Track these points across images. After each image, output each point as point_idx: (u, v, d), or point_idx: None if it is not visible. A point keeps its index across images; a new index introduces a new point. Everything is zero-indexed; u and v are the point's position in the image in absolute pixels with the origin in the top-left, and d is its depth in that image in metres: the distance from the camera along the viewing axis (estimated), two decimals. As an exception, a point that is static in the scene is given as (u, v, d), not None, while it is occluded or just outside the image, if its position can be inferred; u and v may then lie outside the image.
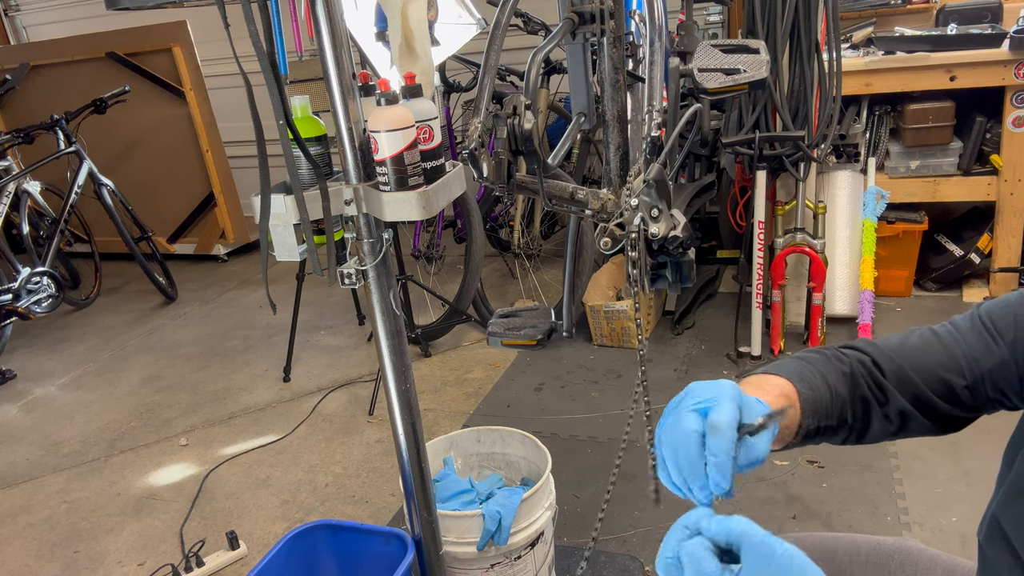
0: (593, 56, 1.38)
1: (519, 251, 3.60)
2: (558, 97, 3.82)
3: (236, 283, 4.60)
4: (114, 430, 3.04)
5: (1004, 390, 0.85)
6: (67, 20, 5.69)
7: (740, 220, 3.18)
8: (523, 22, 3.40)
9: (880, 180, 3.12)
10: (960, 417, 0.89)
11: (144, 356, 3.72)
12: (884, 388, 0.87)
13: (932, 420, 0.89)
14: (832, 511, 2.11)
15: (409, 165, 1.20)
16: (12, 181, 3.86)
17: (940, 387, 0.86)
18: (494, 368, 3.15)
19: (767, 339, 2.97)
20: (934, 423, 0.89)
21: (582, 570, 1.54)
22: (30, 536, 2.44)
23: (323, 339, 3.64)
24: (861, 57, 3.09)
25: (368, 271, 1.31)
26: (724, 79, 1.30)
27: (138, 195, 4.71)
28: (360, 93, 1.24)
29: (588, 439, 2.56)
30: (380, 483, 2.50)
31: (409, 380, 1.43)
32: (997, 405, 0.87)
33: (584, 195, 1.23)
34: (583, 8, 1.27)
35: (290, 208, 1.26)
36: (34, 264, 3.81)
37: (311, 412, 2.99)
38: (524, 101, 1.06)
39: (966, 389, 0.86)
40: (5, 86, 4.76)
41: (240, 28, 1.09)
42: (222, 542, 2.25)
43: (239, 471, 2.66)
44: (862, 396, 0.88)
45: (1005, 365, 0.83)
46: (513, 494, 1.71)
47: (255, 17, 1.09)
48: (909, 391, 0.87)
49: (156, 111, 4.72)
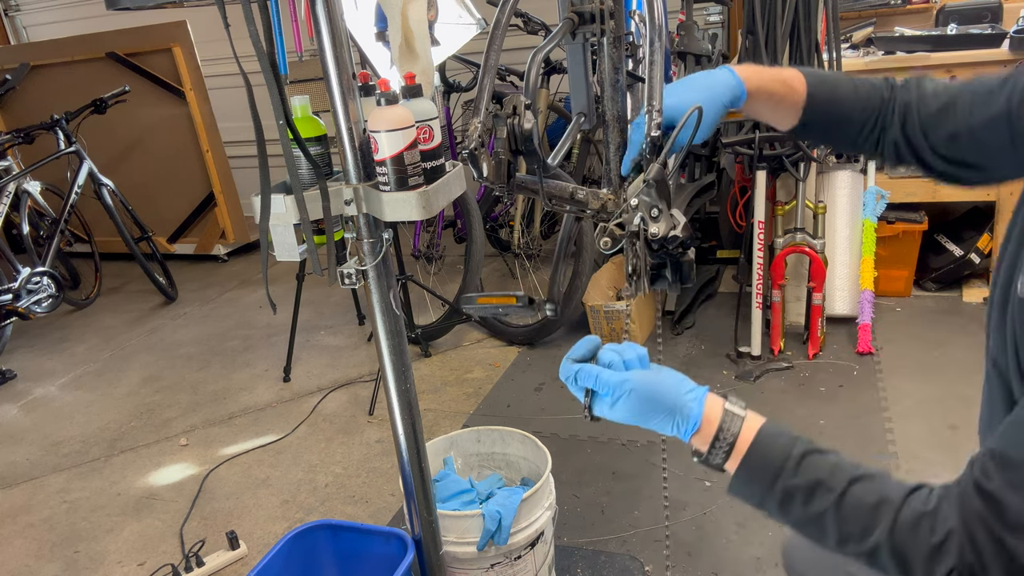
0: (593, 56, 1.37)
1: (519, 251, 3.60)
2: (558, 97, 3.82)
3: (236, 283, 4.60)
4: (114, 430, 3.04)
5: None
6: (67, 20, 5.69)
7: (740, 220, 3.18)
8: (523, 22, 3.40)
9: (880, 180, 3.12)
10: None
11: (144, 356, 3.72)
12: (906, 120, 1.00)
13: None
14: (832, 511, 2.10)
15: (409, 165, 1.20)
16: (12, 181, 3.86)
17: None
18: (494, 368, 3.15)
19: (767, 339, 2.97)
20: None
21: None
22: (30, 536, 2.44)
23: (323, 339, 3.64)
24: (861, 57, 3.09)
25: (368, 271, 1.31)
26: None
27: (138, 195, 4.71)
28: (360, 93, 1.24)
29: (588, 439, 2.56)
30: (380, 483, 2.50)
31: (409, 380, 1.43)
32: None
33: (584, 195, 1.22)
34: (583, 8, 1.27)
35: (290, 208, 1.26)
36: (34, 264, 3.81)
37: (311, 412, 2.99)
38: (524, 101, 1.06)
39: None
40: (5, 86, 4.76)
41: (240, 28, 1.09)
42: (222, 542, 2.25)
43: (239, 471, 2.66)
44: (883, 115, 1.01)
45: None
46: (513, 494, 1.71)
47: (255, 17, 1.09)
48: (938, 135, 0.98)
49: (156, 111, 4.72)
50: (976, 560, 0.72)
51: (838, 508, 0.80)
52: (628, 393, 0.90)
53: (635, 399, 0.89)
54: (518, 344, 3.31)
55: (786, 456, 0.84)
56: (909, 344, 2.91)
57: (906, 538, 0.77)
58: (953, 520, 0.74)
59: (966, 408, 2.45)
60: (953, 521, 0.74)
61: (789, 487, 0.83)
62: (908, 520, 0.77)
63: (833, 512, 0.80)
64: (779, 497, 0.84)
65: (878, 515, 0.78)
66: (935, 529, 0.75)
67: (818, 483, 0.81)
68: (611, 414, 0.92)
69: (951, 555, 0.74)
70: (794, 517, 0.84)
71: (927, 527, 0.76)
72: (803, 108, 1.05)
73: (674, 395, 0.89)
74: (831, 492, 0.81)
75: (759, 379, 2.80)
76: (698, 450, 0.89)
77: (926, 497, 0.78)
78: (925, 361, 2.79)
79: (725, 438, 0.86)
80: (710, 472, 1.02)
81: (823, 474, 0.82)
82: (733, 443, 0.86)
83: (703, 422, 0.88)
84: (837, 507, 0.80)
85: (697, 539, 2.07)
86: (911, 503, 0.78)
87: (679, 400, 0.89)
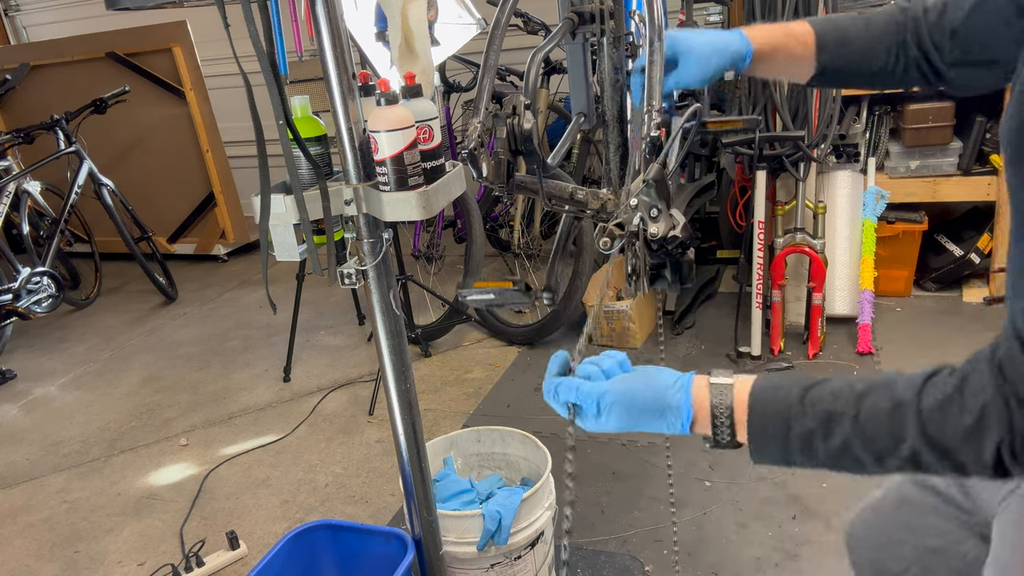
0: (593, 56, 1.38)
1: (519, 251, 3.60)
2: (558, 97, 3.82)
3: (236, 283, 4.61)
4: (114, 430, 3.04)
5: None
6: (67, 20, 5.69)
7: (740, 220, 3.18)
8: (523, 22, 3.41)
9: (880, 180, 3.12)
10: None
11: (144, 356, 3.72)
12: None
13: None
14: (832, 511, 2.11)
15: (409, 165, 1.20)
16: (12, 181, 3.86)
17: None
18: (494, 368, 3.15)
19: (767, 339, 2.97)
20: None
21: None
22: (30, 536, 2.44)
23: (323, 339, 3.65)
24: (861, 57, 3.08)
25: (368, 271, 1.31)
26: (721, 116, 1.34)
27: (138, 195, 4.71)
28: (360, 93, 1.24)
29: (588, 439, 2.56)
30: (380, 483, 2.50)
31: (409, 380, 1.43)
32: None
33: (584, 195, 1.23)
34: (583, 8, 1.27)
35: (290, 208, 1.26)
36: (34, 264, 3.81)
37: (311, 412, 2.99)
38: (524, 101, 1.06)
39: None
40: (5, 86, 4.76)
41: (240, 28, 1.09)
42: (222, 542, 2.25)
43: (239, 471, 2.66)
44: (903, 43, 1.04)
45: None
46: (513, 494, 1.71)
47: (255, 17, 1.09)
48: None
49: (156, 111, 4.72)
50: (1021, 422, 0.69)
51: (859, 431, 0.77)
52: (611, 404, 0.87)
53: (620, 407, 0.87)
54: (518, 344, 3.31)
55: (787, 405, 0.81)
56: (909, 344, 2.91)
57: (939, 429, 0.73)
58: (988, 392, 0.71)
59: (966, 408, 2.45)
60: (988, 393, 0.71)
61: (804, 433, 0.79)
62: (934, 411, 0.74)
63: (856, 437, 0.77)
64: (799, 446, 0.80)
65: (901, 420, 0.75)
66: (966, 408, 0.72)
67: (829, 416, 0.78)
68: (599, 425, 0.90)
69: (992, 429, 0.70)
70: (824, 458, 0.80)
71: (956, 410, 0.72)
72: (815, 56, 1.08)
73: (659, 393, 0.87)
74: (845, 417, 0.77)
75: (759, 379, 2.80)
76: (706, 436, 0.86)
77: (944, 381, 0.75)
78: (925, 361, 2.78)
79: (722, 413, 0.84)
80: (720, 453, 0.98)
81: (829, 405, 0.79)
82: (731, 415, 0.83)
83: (695, 409, 0.85)
84: (857, 431, 0.77)
85: (697, 539, 2.07)
86: (929, 394, 0.75)
87: (664, 397, 0.86)
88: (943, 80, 1.06)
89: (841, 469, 0.81)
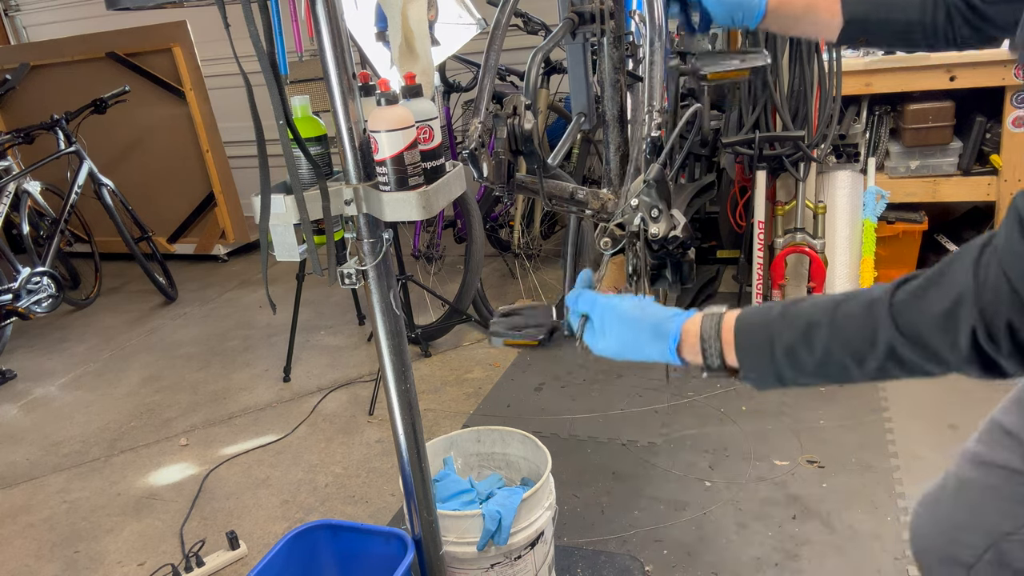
0: (593, 56, 1.38)
1: (519, 251, 3.60)
2: (558, 97, 3.82)
3: (236, 283, 4.61)
4: (114, 430, 3.04)
5: None
6: (67, 20, 5.69)
7: (740, 220, 3.18)
8: (523, 22, 3.41)
9: (880, 180, 3.12)
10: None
11: (144, 356, 3.72)
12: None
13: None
14: (832, 511, 2.11)
15: (409, 165, 1.20)
16: (12, 181, 3.86)
17: None
18: (494, 368, 3.15)
19: (767, 339, 2.97)
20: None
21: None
22: (30, 536, 2.44)
23: (323, 339, 3.65)
24: (861, 57, 3.09)
25: (368, 271, 1.31)
26: (723, 64, 1.28)
27: (138, 195, 4.71)
28: (360, 93, 1.24)
29: (588, 439, 2.56)
30: (380, 483, 2.50)
31: (409, 380, 1.43)
32: None
33: (584, 195, 1.23)
34: (583, 8, 1.27)
35: (290, 208, 1.26)
36: (34, 264, 3.81)
37: (311, 412, 2.99)
38: (524, 101, 1.06)
39: None
40: (5, 86, 4.76)
41: (240, 28, 1.09)
42: (222, 542, 2.25)
43: (239, 471, 2.66)
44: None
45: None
46: (513, 494, 1.71)
47: (255, 17, 1.09)
48: None
49: (156, 111, 4.72)
50: (993, 305, 0.68)
51: (836, 334, 0.78)
52: (618, 319, 0.93)
53: (625, 325, 0.93)
54: (518, 344, 3.30)
55: (770, 320, 0.83)
56: (909, 344, 2.91)
57: (911, 319, 0.73)
58: (964, 280, 0.70)
59: (966, 408, 2.45)
60: (963, 281, 0.70)
61: (787, 345, 0.81)
62: (906, 302, 0.73)
63: (834, 340, 0.78)
64: (785, 360, 0.82)
65: (875, 315, 0.75)
66: (941, 296, 0.71)
67: (808, 324, 0.80)
68: (602, 341, 0.95)
69: (967, 315, 0.69)
70: (810, 368, 0.81)
71: (929, 298, 0.72)
72: (840, 5, 1.06)
73: (658, 320, 0.92)
74: (822, 323, 0.79)
75: (759, 379, 2.80)
76: (698, 364, 0.90)
77: (919, 275, 0.74)
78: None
79: (710, 336, 0.87)
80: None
81: (808, 315, 0.81)
82: (719, 337, 0.87)
83: (684, 333, 0.89)
84: (835, 333, 0.78)
85: (697, 539, 2.07)
86: (903, 289, 0.74)
87: (663, 322, 0.91)
88: (981, 18, 1.00)
89: (829, 379, 0.82)
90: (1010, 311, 0.67)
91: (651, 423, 2.60)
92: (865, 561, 1.93)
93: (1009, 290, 0.67)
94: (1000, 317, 0.68)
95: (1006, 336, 0.68)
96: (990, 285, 0.68)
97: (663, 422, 2.60)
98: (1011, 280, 0.67)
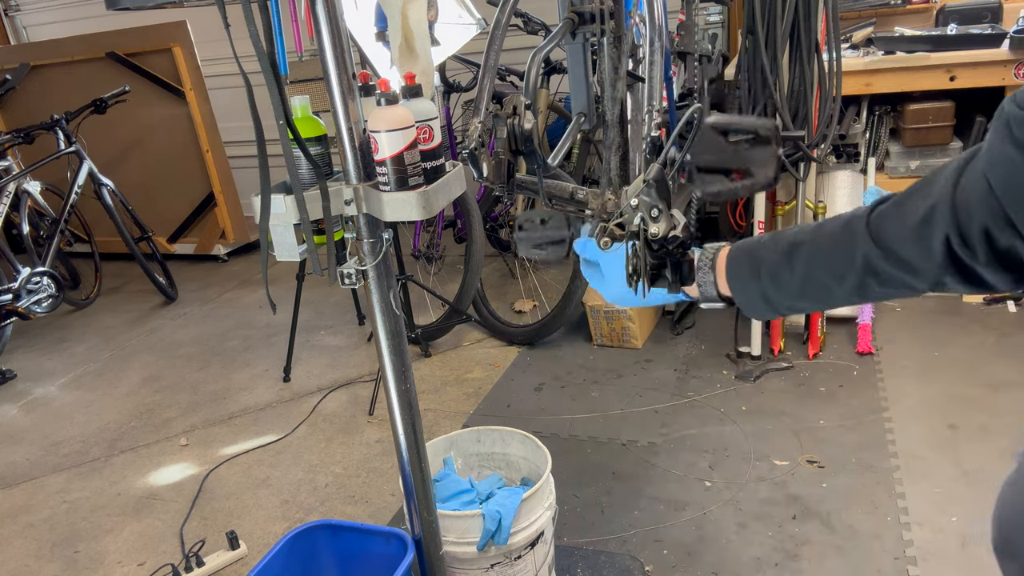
0: (593, 56, 1.38)
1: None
2: (558, 97, 3.82)
3: (236, 283, 4.61)
4: (114, 430, 3.04)
5: None
6: (67, 20, 5.69)
7: (740, 220, 3.18)
8: (523, 22, 3.40)
9: (880, 180, 3.12)
10: None
11: (144, 356, 3.72)
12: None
13: None
14: (832, 511, 2.11)
15: (409, 165, 1.20)
16: (12, 181, 3.86)
17: None
18: (494, 368, 3.15)
19: (767, 339, 2.97)
20: None
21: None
22: (30, 536, 2.44)
23: (323, 339, 3.65)
24: (861, 57, 3.09)
25: (368, 271, 1.31)
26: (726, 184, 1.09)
27: (138, 195, 4.71)
28: (360, 93, 1.24)
29: (588, 439, 2.56)
30: (380, 483, 2.50)
31: (409, 380, 1.43)
32: None
33: (584, 195, 1.22)
34: (583, 8, 1.27)
35: (290, 208, 1.26)
36: (34, 264, 3.81)
37: (311, 412, 2.99)
38: (524, 101, 1.06)
39: None
40: (5, 86, 4.76)
41: (240, 28, 1.09)
42: (222, 542, 2.25)
43: (239, 471, 2.66)
44: None
45: None
46: (513, 494, 1.71)
47: (255, 17, 1.09)
48: None
49: (156, 111, 4.72)
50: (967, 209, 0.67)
51: (816, 249, 0.79)
52: (621, 260, 0.99)
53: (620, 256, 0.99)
54: (518, 344, 3.31)
55: (758, 246, 0.87)
56: (909, 344, 2.91)
57: (886, 231, 0.72)
58: (942, 190, 0.69)
59: (966, 408, 2.45)
60: (940, 192, 0.69)
61: (771, 267, 0.84)
62: (882, 216, 0.73)
63: (814, 258, 0.79)
64: (770, 280, 0.85)
65: (853, 230, 0.75)
66: (920, 204, 0.70)
67: (791, 246, 0.82)
68: (609, 288, 1.05)
69: (939, 224, 0.68)
70: (793, 289, 0.83)
71: (904, 211, 0.71)
72: None
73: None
74: (803, 243, 0.81)
75: (759, 379, 2.80)
76: (696, 296, 0.95)
77: (898, 193, 0.74)
78: (925, 361, 2.79)
79: (705, 265, 0.92)
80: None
81: (792, 237, 0.83)
82: (713, 264, 0.91)
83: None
84: (815, 249, 0.79)
85: (697, 539, 2.07)
86: (881, 206, 0.75)
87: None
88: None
89: (812, 300, 0.84)
90: (986, 215, 0.66)
91: (651, 423, 2.60)
92: (865, 561, 1.93)
93: (988, 194, 0.66)
94: (975, 222, 0.67)
95: (982, 242, 0.67)
96: (967, 189, 0.68)
97: (663, 422, 2.60)
98: (992, 184, 0.66)
